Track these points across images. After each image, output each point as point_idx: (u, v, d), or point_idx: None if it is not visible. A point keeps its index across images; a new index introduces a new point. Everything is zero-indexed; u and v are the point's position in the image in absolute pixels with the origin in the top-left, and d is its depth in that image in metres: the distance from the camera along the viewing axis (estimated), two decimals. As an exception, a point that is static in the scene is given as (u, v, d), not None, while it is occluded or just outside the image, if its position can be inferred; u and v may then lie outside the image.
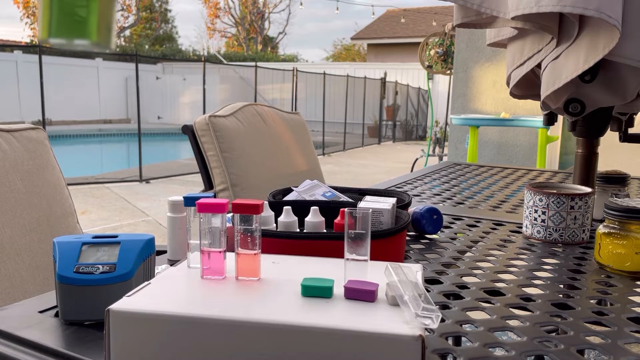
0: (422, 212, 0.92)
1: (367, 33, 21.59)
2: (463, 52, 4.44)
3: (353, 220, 0.50)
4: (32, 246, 1.00)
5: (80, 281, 0.57)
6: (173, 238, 0.83)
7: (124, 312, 0.44)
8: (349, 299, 0.47)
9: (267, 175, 1.60)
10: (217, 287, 0.50)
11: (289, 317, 0.43)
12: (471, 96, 4.45)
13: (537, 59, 0.96)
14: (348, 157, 10.18)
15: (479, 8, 0.93)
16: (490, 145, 4.47)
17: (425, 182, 1.54)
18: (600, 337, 0.55)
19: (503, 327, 0.57)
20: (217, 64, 16.26)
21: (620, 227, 0.75)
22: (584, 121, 1.06)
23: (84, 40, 0.28)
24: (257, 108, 1.69)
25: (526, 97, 1.10)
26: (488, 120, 3.73)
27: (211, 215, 0.52)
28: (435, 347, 0.52)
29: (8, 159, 1.00)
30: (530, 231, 0.93)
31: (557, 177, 1.69)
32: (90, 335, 0.55)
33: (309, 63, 22.25)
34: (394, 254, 0.75)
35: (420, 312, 0.42)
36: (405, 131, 14.86)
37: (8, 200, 0.97)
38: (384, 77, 13.77)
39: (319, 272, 0.54)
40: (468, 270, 0.76)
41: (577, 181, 1.08)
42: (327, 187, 0.98)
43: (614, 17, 0.79)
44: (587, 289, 0.70)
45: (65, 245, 0.60)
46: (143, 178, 6.52)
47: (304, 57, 55.12)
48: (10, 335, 0.55)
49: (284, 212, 0.78)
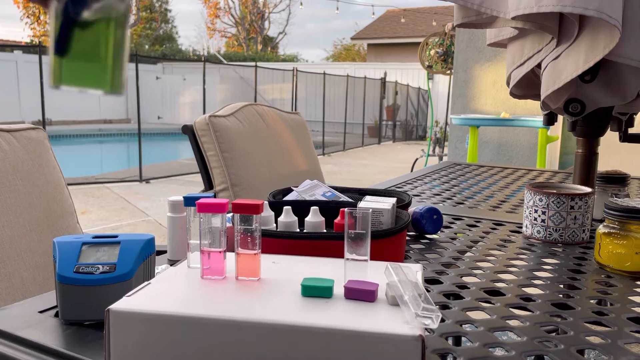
0: (422, 212, 0.92)
1: (367, 33, 21.59)
2: (463, 52, 4.44)
3: (353, 220, 0.50)
4: (32, 246, 1.00)
5: (80, 281, 0.57)
6: (173, 238, 0.83)
7: (124, 312, 0.44)
8: (349, 299, 0.47)
9: (267, 175, 1.60)
10: (217, 287, 0.50)
11: (289, 317, 0.43)
12: (471, 96, 4.45)
13: (537, 59, 0.96)
14: (348, 157, 10.18)
15: (479, 8, 0.93)
16: (490, 145, 4.47)
17: (425, 182, 1.54)
18: (600, 337, 0.55)
19: (503, 327, 0.57)
20: (217, 64, 16.25)
21: (620, 227, 0.75)
22: (584, 121, 1.06)
23: (98, 90, 0.28)
24: (257, 108, 1.69)
25: (526, 97, 1.10)
26: (488, 120, 3.73)
27: (211, 215, 0.52)
28: (436, 347, 0.52)
29: (8, 159, 1.00)
30: (530, 231, 0.93)
31: (557, 177, 1.69)
32: (90, 335, 0.55)
33: (309, 63, 22.25)
34: (394, 254, 0.75)
35: (420, 312, 0.42)
36: (405, 131, 14.85)
37: (8, 200, 0.97)
38: (384, 77, 13.76)
39: (319, 272, 0.54)
40: (468, 270, 0.76)
41: (577, 181, 1.08)
42: (327, 187, 0.98)
43: (614, 17, 0.79)
44: (587, 289, 0.70)
45: (65, 245, 0.60)
46: (143, 178, 6.52)
47: (304, 57, 55.14)
48: (10, 335, 0.55)
49: (284, 212, 0.78)
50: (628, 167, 1.28)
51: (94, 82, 0.28)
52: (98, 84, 0.27)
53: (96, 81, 0.28)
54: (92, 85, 0.28)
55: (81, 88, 0.28)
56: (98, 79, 0.28)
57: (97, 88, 0.27)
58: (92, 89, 0.28)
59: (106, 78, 0.27)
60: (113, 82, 0.28)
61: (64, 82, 0.27)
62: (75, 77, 0.28)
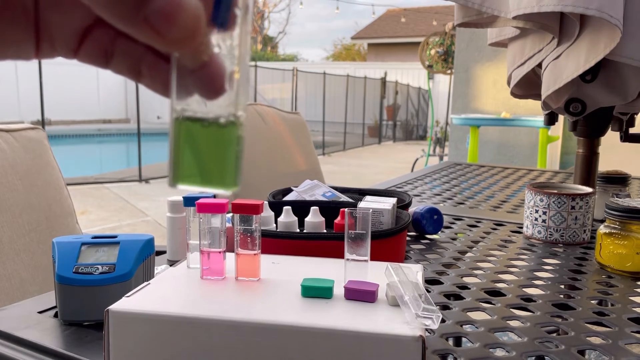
0: (422, 212, 0.92)
1: (367, 33, 21.59)
2: (464, 52, 4.44)
3: (353, 221, 0.50)
4: (31, 246, 0.99)
5: (80, 281, 0.57)
6: (172, 238, 0.82)
7: (123, 313, 0.44)
8: (349, 300, 0.47)
9: (267, 175, 1.60)
10: (216, 288, 0.50)
11: (289, 317, 0.43)
12: (472, 96, 4.45)
13: (537, 59, 0.96)
14: (348, 157, 10.18)
15: (480, 7, 0.93)
16: (490, 145, 4.47)
17: (425, 182, 1.54)
18: (601, 338, 0.55)
19: (504, 327, 0.57)
20: (217, 63, 16.21)
21: (621, 227, 0.75)
22: (585, 121, 1.05)
23: (218, 189, 0.27)
24: (257, 108, 1.69)
25: (527, 96, 1.10)
26: (489, 120, 3.73)
27: (211, 216, 0.52)
28: (436, 348, 0.52)
29: (7, 159, 1.00)
30: (531, 231, 0.93)
31: (558, 177, 1.68)
32: (89, 336, 0.55)
33: (309, 63, 22.25)
34: (394, 254, 0.75)
35: (421, 312, 0.41)
36: (406, 131, 14.85)
37: (7, 200, 0.97)
38: (384, 76, 13.76)
39: (319, 273, 0.54)
40: (468, 271, 0.76)
41: (578, 181, 1.08)
42: (327, 187, 0.98)
43: (615, 17, 0.79)
44: (588, 290, 0.69)
45: (65, 245, 0.60)
46: (142, 178, 6.52)
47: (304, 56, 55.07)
48: (9, 336, 0.55)
49: (284, 212, 0.78)
50: (629, 167, 1.28)
51: (215, 183, 0.27)
52: (220, 185, 0.27)
53: (218, 182, 0.27)
54: (213, 185, 0.27)
55: (201, 187, 0.27)
56: (220, 180, 0.27)
57: (218, 188, 0.27)
58: (213, 188, 0.27)
59: (229, 178, 0.27)
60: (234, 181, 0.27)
61: (183, 182, 0.27)
62: (197, 178, 0.27)
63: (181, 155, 0.27)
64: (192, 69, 0.25)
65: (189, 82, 0.25)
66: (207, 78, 0.25)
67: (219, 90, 0.25)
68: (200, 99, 0.26)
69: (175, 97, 0.26)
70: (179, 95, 0.26)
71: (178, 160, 0.27)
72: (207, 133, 0.26)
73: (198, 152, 0.26)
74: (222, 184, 0.26)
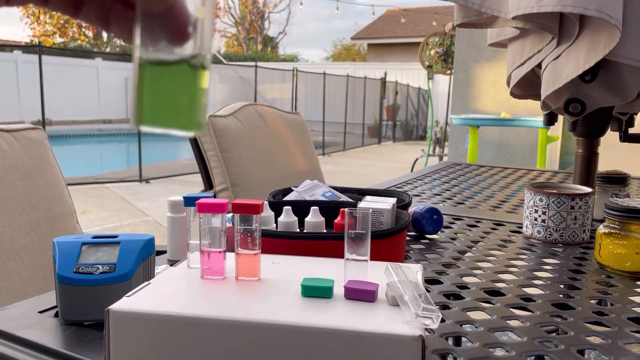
0: (422, 212, 0.92)
1: (367, 33, 21.59)
2: (463, 52, 4.44)
3: (353, 220, 0.50)
4: (31, 246, 1.00)
5: (80, 281, 0.57)
6: (173, 238, 0.82)
7: (123, 312, 0.44)
8: (349, 299, 0.47)
9: (267, 175, 1.60)
10: (217, 288, 0.50)
11: (289, 317, 0.43)
12: (471, 96, 4.45)
13: (537, 59, 0.96)
14: (348, 157, 10.18)
15: (479, 8, 0.93)
16: (490, 145, 4.47)
17: (425, 182, 1.54)
18: (600, 337, 0.55)
19: (503, 327, 0.57)
20: (217, 63, 16.24)
21: (620, 227, 0.75)
22: (585, 121, 1.06)
23: (181, 132, 0.27)
24: (257, 108, 1.69)
25: (526, 97, 1.10)
26: (488, 120, 3.73)
27: (211, 215, 0.52)
28: (436, 348, 0.52)
29: (8, 159, 1.00)
30: (531, 231, 0.93)
31: (558, 177, 1.68)
32: (90, 336, 0.55)
33: (309, 63, 22.25)
34: (394, 254, 0.75)
35: (421, 312, 0.42)
36: (406, 131, 14.85)
37: (8, 200, 0.97)
38: (384, 77, 13.76)
39: (319, 272, 0.54)
40: (468, 271, 0.76)
41: (578, 181, 1.08)
42: (327, 187, 0.98)
43: (614, 17, 0.79)
44: (588, 289, 0.69)
45: (65, 245, 0.60)
46: (143, 178, 6.52)
47: (304, 57, 55.10)
48: (10, 336, 0.55)
49: (284, 212, 0.78)
50: (628, 167, 1.28)
51: (179, 124, 0.27)
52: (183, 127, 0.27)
53: (182, 124, 0.27)
54: (177, 127, 0.27)
55: (164, 129, 0.27)
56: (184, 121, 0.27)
57: (181, 130, 0.27)
58: (176, 130, 0.27)
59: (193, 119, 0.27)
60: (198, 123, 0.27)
61: (146, 123, 0.27)
62: (159, 119, 0.27)
63: (145, 98, 0.27)
64: (158, 12, 0.25)
65: (155, 27, 0.25)
66: (172, 22, 0.25)
67: (184, 34, 0.25)
68: (166, 44, 0.26)
69: (140, 42, 0.26)
70: (144, 40, 0.26)
71: (142, 102, 0.27)
72: (171, 75, 0.26)
73: (162, 94, 0.27)
74: (185, 127, 0.27)
